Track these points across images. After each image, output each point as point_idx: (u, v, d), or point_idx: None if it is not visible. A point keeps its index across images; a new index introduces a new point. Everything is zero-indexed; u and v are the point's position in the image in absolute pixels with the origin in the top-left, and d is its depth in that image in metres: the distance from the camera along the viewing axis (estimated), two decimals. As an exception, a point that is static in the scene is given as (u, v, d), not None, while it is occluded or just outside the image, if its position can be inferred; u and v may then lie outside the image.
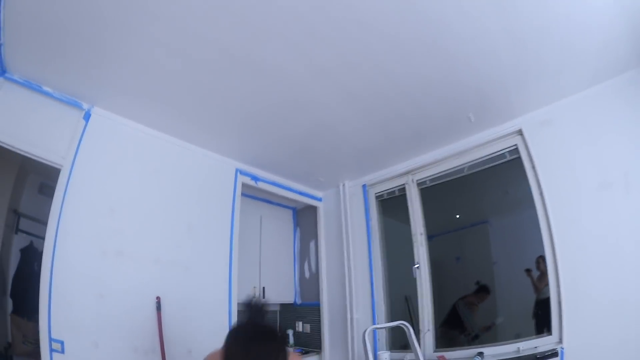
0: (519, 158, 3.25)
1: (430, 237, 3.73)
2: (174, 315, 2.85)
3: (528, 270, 3.82)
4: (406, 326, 2.60)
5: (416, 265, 3.63)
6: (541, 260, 3.63)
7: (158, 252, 2.91)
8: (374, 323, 3.75)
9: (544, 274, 3.59)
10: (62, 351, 2.28)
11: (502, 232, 4.76)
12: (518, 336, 3.24)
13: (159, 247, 2.93)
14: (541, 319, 3.51)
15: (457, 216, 4.91)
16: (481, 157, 3.49)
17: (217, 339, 2.21)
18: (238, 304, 3.32)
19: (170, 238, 3.02)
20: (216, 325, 3.11)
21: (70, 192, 2.53)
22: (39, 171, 2.54)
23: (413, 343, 2.53)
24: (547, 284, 3.17)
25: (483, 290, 4.22)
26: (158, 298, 2.78)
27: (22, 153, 2.44)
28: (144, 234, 2.87)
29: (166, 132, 3.18)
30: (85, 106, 2.73)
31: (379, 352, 3.57)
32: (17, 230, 3.42)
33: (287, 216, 4.80)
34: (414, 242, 3.70)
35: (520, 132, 3.22)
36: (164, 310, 2.78)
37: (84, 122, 2.70)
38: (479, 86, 2.74)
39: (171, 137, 3.23)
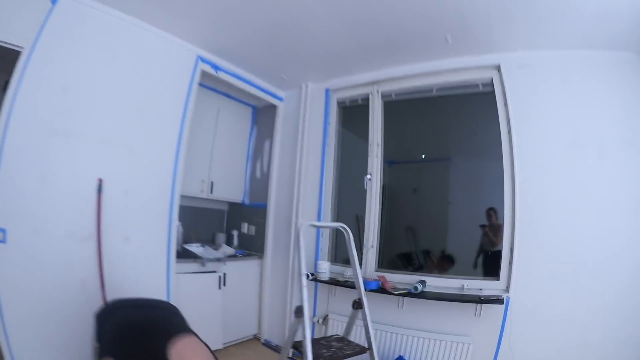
0: (492, 93, 3.19)
1: (390, 163, 3.70)
2: (114, 199, 2.78)
3: (483, 226, 3.99)
4: (346, 230, 2.62)
5: (368, 176, 3.61)
6: (492, 212, 3.86)
7: (106, 132, 2.81)
8: (318, 230, 3.77)
9: (494, 226, 3.80)
10: (4, 240, 2.25)
11: (463, 173, 4.89)
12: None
13: (108, 128, 2.81)
14: (488, 269, 3.70)
15: (423, 156, 4.95)
16: (453, 82, 3.37)
17: (156, 229, 2.28)
18: (181, 196, 3.27)
19: (120, 120, 2.89)
20: (156, 215, 3.08)
21: (28, 74, 2.41)
22: (5, 69, 2.40)
23: (351, 249, 2.60)
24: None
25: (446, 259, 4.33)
26: (100, 180, 2.71)
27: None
28: (94, 113, 2.74)
29: (128, 12, 2.92)
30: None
31: (319, 261, 3.62)
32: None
33: (246, 113, 4.61)
34: (370, 152, 3.66)
35: (497, 68, 3.16)
36: (105, 194, 2.72)
37: (50, 5, 2.53)
38: (461, 9, 2.61)
39: (133, 19, 2.99)
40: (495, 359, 2.84)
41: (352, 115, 4.10)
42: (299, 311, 2.25)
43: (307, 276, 3.54)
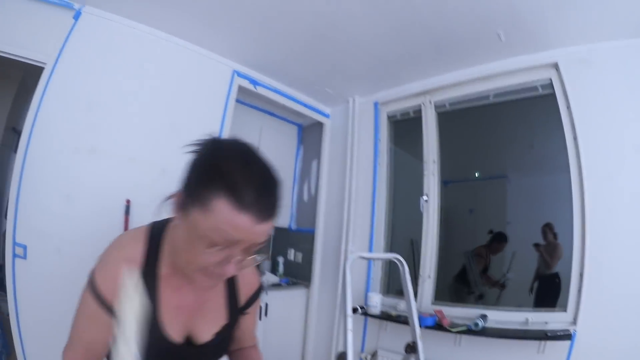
0: (553, 95, 2.78)
1: (445, 183, 3.34)
2: (143, 221, 2.65)
3: (537, 245, 3.46)
4: (400, 261, 2.32)
5: (424, 197, 3.24)
6: (548, 229, 3.34)
7: (134, 150, 2.65)
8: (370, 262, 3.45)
9: (551, 245, 3.30)
10: (25, 256, 2.19)
11: (521, 190, 4.37)
12: (520, 306, 2.99)
13: (136, 146, 2.66)
14: (542, 296, 3.32)
15: (477, 174, 4.51)
16: (510, 86, 2.98)
17: None
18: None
19: (150, 137, 2.72)
20: None
21: (51, 89, 2.36)
22: (29, 85, 2.47)
23: (405, 283, 2.28)
24: (560, 258, 2.91)
25: (498, 238, 3.90)
26: (128, 201, 2.54)
27: (5, 55, 2.31)
28: (122, 130, 2.62)
29: (157, 27, 2.82)
30: (77, 6, 2.52)
31: (370, 293, 3.29)
32: (17, 149, 3.34)
33: (292, 132, 4.35)
34: (425, 170, 3.30)
35: (556, 66, 2.74)
36: (132, 215, 2.55)
37: (73, 20, 2.50)
38: (512, 1, 2.31)
39: (163, 33, 2.86)
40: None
41: (404, 130, 3.75)
42: (342, 358, 1.93)
43: (356, 310, 3.19)
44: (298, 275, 4.08)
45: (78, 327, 0.90)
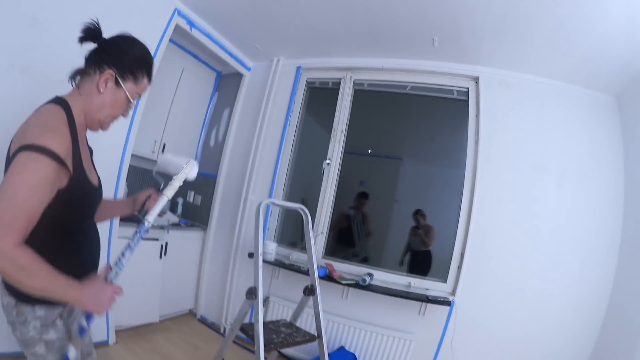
0: (465, 102, 3.29)
1: (345, 152, 3.65)
2: None
3: (415, 228, 4.11)
4: (304, 212, 2.55)
5: (327, 161, 3.56)
6: (419, 215, 4.08)
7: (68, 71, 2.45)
8: (268, 208, 3.68)
9: (426, 227, 4.03)
10: None
11: (413, 175, 5.01)
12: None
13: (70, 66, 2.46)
14: (414, 267, 3.97)
15: (369, 150, 4.98)
16: (429, 84, 3.42)
17: (106, 183, 2.07)
18: (132, 155, 3.00)
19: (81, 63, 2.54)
20: (108, 171, 2.70)
21: None
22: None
23: (308, 232, 2.54)
24: (434, 237, 3.63)
25: (360, 195, 4.47)
26: None
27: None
28: (60, 50, 2.28)
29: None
30: None
31: (266, 241, 3.49)
32: None
33: (210, 77, 4.34)
34: (332, 137, 3.62)
35: (476, 80, 3.24)
36: None
37: None
38: (458, 16, 2.63)
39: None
40: (436, 357, 2.95)
41: (319, 97, 4.00)
42: (251, 292, 2.16)
43: (252, 255, 3.43)
44: (196, 218, 4.17)
45: (19, 199, 0.92)
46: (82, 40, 1.25)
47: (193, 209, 4.26)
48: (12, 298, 1.10)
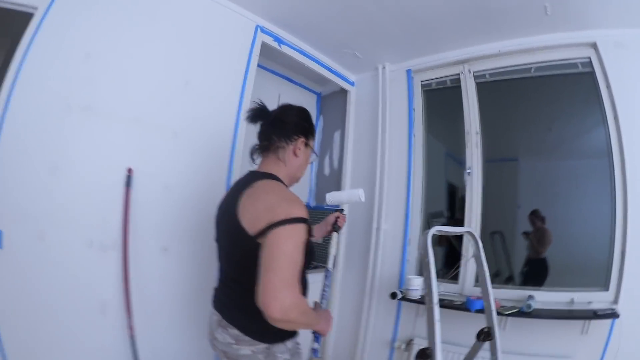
0: (590, 75, 2.74)
1: (453, 158, 3.18)
2: (149, 197, 2.14)
3: (526, 233, 3.42)
4: (474, 236, 2.09)
5: (468, 170, 3.01)
6: (534, 217, 3.33)
7: (140, 109, 2.15)
8: (406, 237, 3.13)
9: (540, 232, 3.28)
10: (0, 245, 1.67)
11: (531, 174, 4.09)
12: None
13: (142, 104, 2.15)
14: (529, 278, 3.30)
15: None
16: (551, 61, 2.88)
17: (202, 237, 1.79)
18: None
19: (159, 95, 2.23)
20: (204, 218, 2.24)
21: (40, 37, 1.83)
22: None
23: (482, 261, 2.04)
24: (549, 243, 3.05)
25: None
26: (129, 170, 2.05)
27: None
28: (125, 85, 2.09)
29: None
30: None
31: (408, 276, 2.96)
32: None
33: (310, 100, 3.94)
34: (467, 142, 3.07)
35: (594, 46, 2.71)
36: (135, 189, 2.07)
37: None
38: None
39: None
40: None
41: (438, 99, 3.46)
42: (425, 356, 1.66)
43: (395, 295, 2.91)
44: (319, 258, 3.67)
45: (293, 262, 1.14)
46: (253, 121, 1.49)
47: (315, 248, 3.76)
48: (262, 344, 1.28)
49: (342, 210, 2.00)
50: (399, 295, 2.91)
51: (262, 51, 2.89)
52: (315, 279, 1.73)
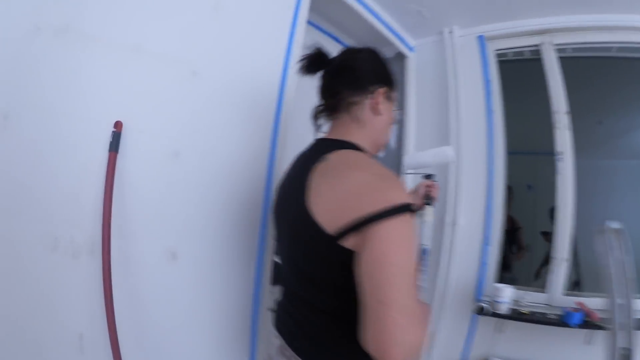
0: None
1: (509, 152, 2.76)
2: (148, 170, 1.32)
3: (545, 234, 3.10)
4: (619, 235, 1.66)
5: (559, 156, 2.57)
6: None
7: (142, 32, 1.32)
8: (487, 234, 2.60)
9: None
10: None
11: (586, 170, 4.00)
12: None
13: (146, 25, 1.33)
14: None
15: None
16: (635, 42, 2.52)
17: (236, 237, 1.11)
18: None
19: (177, 21, 1.40)
20: (238, 208, 1.57)
21: None
22: None
23: (622, 263, 1.60)
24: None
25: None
26: (117, 125, 1.22)
27: None
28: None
29: None
30: None
31: (494, 284, 2.51)
32: None
33: None
34: (556, 123, 2.60)
35: None
36: (125, 155, 1.25)
37: None
38: None
39: None
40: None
41: (514, 71, 2.99)
42: None
43: (482, 310, 2.39)
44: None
45: (412, 277, 0.79)
46: (309, 71, 1.09)
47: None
48: None
49: (429, 176, 1.54)
50: (489, 310, 2.39)
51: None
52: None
